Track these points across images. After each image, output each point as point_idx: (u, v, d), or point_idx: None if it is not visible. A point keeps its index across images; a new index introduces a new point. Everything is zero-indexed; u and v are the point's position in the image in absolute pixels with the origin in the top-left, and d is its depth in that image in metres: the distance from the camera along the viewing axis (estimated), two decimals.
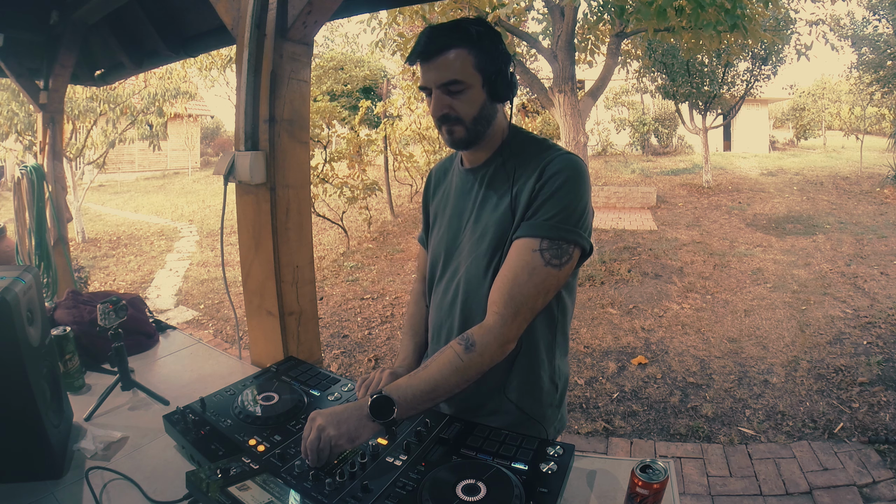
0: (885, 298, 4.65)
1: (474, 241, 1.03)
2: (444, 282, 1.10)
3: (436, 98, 0.96)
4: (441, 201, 1.15)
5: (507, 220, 0.98)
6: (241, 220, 1.51)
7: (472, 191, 1.06)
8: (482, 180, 1.05)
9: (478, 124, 0.98)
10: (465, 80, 0.94)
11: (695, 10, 4.25)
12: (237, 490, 0.84)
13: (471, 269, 1.03)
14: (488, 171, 1.04)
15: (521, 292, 0.93)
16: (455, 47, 0.93)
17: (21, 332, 0.96)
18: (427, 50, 0.94)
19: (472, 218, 1.05)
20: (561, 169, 0.94)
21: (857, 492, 2.23)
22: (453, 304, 1.07)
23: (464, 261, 1.05)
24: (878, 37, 10.58)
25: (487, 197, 1.03)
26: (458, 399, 1.03)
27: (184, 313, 4.95)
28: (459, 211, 1.08)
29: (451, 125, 0.98)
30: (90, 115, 7.75)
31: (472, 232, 1.04)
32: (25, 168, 2.70)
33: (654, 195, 9.51)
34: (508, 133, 1.05)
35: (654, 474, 0.85)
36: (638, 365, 3.57)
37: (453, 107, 0.96)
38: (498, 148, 1.04)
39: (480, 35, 0.95)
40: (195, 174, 16.89)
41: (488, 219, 1.01)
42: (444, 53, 0.93)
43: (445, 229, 1.11)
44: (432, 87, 0.96)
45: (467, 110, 0.97)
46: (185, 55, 2.47)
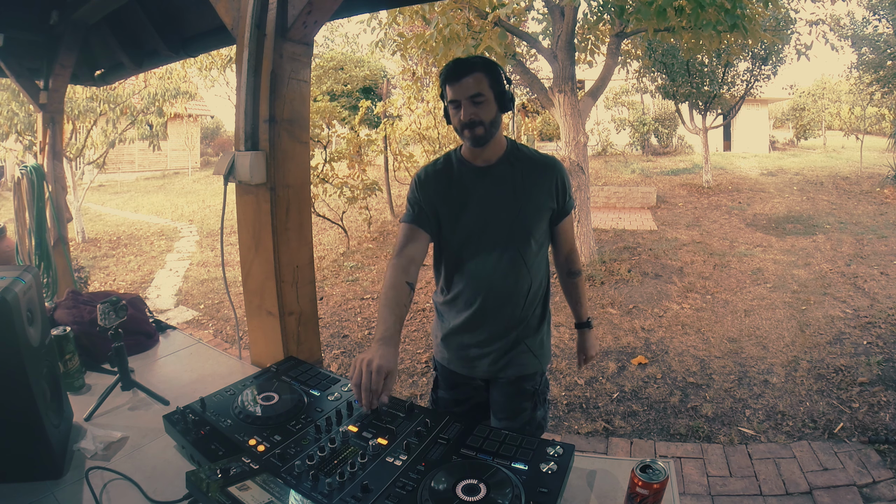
0: (885, 298, 4.65)
1: (521, 215, 1.40)
2: (494, 250, 1.41)
3: (465, 107, 1.31)
4: (453, 193, 1.42)
5: (549, 200, 1.43)
6: (241, 220, 1.51)
7: (499, 181, 1.41)
8: (505, 174, 1.41)
9: (492, 127, 1.35)
10: (484, 93, 1.31)
11: (695, 10, 4.25)
12: (237, 490, 0.84)
13: (520, 233, 1.41)
14: (507, 168, 1.42)
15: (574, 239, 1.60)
16: (475, 71, 1.31)
17: (21, 332, 0.96)
18: (458, 72, 1.30)
19: (511, 199, 1.40)
20: (565, 170, 1.47)
21: (857, 492, 2.23)
22: (514, 263, 1.42)
23: (510, 230, 1.40)
24: (878, 37, 10.58)
25: (520, 185, 1.41)
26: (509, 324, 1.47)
27: (184, 313, 4.95)
28: (489, 197, 1.40)
29: (476, 127, 1.32)
30: (90, 115, 7.75)
31: (511, 209, 1.40)
32: (25, 168, 2.70)
33: (654, 195, 9.51)
34: (508, 141, 1.44)
35: (654, 474, 0.85)
36: (638, 365, 3.57)
37: (477, 113, 1.32)
38: (505, 152, 1.43)
39: (490, 64, 1.34)
40: (195, 174, 16.89)
41: (530, 200, 1.41)
42: (470, 75, 1.30)
43: (478, 211, 1.40)
44: (462, 98, 1.31)
45: (486, 115, 1.33)
46: (185, 55, 2.47)
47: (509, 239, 1.40)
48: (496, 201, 1.41)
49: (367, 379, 1.04)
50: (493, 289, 1.43)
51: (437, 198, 1.42)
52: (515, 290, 1.44)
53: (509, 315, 1.46)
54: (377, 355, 1.07)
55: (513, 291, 1.44)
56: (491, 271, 1.42)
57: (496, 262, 1.41)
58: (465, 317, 1.47)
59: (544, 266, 1.52)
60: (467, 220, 1.41)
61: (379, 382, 1.04)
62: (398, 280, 1.31)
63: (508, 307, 1.45)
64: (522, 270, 1.43)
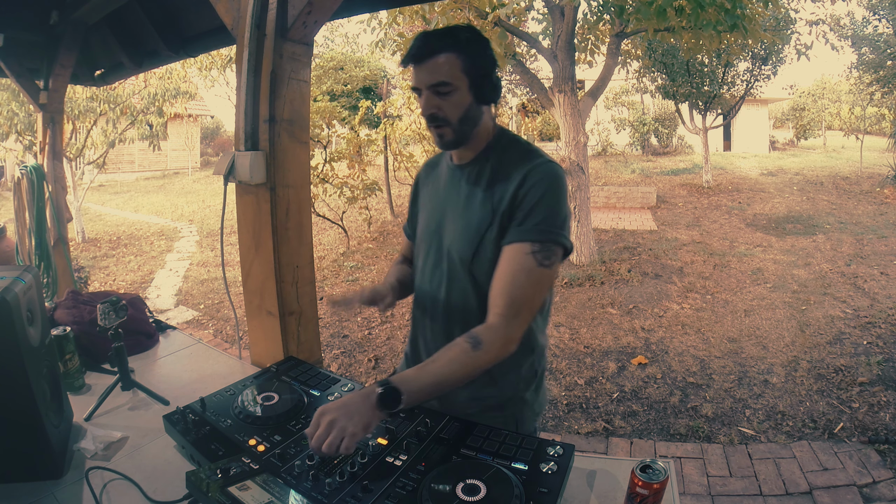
0: (885, 298, 4.65)
1: (458, 231, 1.10)
2: (431, 265, 1.18)
3: (425, 98, 1.03)
4: (430, 193, 1.23)
5: (486, 215, 1.06)
6: (241, 220, 1.51)
7: (459, 185, 1.13)
8: (469, 177, 1.12)
9: (463, 125, 1.05)
10: (453, 82, 1.01)
11: (695, 10, 4.25)
12: (237, 490, 0.84)
13: (453, 256, 1.11)
14: (475, 169, 1.12)
15: (521, 293, 0.99)
16: (445, 51, 1.00)
17: (21, 332, 0.96)
18: (419, 53, 1.01)
19: (459, 210, 1.12)
20: (544, 177, 1.01)
21: (857, 492, 2.23)
22: (440, 286, 1.15)
23: (447, 248, 1.13)
24: (878, 37, 10.58)
25: (474, 193, 1.10)
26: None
27: (184, 313, 4.95)
28: (445, 202, 1.16)
29: (440, 127, 1.04)
30: (90, 115, 7.75)
31: (455, 223, 1.12)
32: (25, 168, 2.70)
33: (654, 195, 9.51)
34: (495, 134, 1.13)
35: (654, 474, 0.85)
36: (638, 365, 3.57)
37: (441, 107, 1.02)
38: (484, 148, 1.12)
39: (469, 40, 1.02)
40: (195, 174, 16.89)
41: (472, 213, 1.09)
42: (434, 57, 1.00)
43: (430, 218, 1.19)
44: (423, 87, 1.02)
45: (454, 112, 1.03)
46: (185, 55, 2.47)
47: (448, 262, 1.11)
48: (449, 212, 1.13)
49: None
50: (434, 322, 1.17)
51: (421, 197, 1.28)
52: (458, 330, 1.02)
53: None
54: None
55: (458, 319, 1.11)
56: (434, 299, 1.16)
57: (436, 289, 1.15)
58: (411, 345, 1.29)
59: None
60: (423, 228, 1.21)
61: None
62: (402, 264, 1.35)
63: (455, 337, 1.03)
64: (467, 306, 1.10)
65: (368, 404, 0.89)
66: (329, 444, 0.84)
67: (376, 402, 0.89)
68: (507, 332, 0.98)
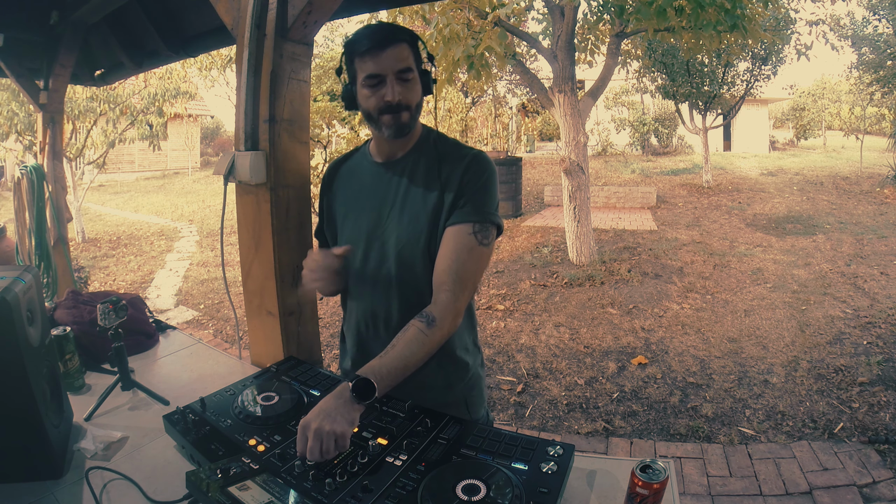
0: (885, 298, 4.65)
1: (404, 226, 1.11)
2: (371, 268, 1.15)
3: (391, 83, 1.03)
4: (351, 195, 1.20)
5: (438, 207, 1.10)
6: (241, 220, 1.51)
7: (393, 182, 1.14)
8: (404, 172, 1.14)
9: (417, 111, 1.10)
10: (414, 68, 1.06)
11: (695, 10, 4.25)
12: (237, 490, 0.84)
13: (404, 252, 1.11)
14: (408, 165, 1.14)
15: (465, 269, 1.07)
16: (401, 41, 1.04)
17: (21, 332, 0.96)
18: (383, 40, 1.03)
19: (398, 206, 1.13)
20: (483, 166, 1.10)
21: (857, 492, 2.23)
22: (389, 287, 1.14)
23: (393, 246, 1.12)
24: (878, 37, 10.58)
25: (413, 187, 1.12)
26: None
27: (184, 313, 4.95)
28: (379, 202, 1.15)
29: (402, 112, 1.06)
30: (90, 115, 7.75)
31: (398, 219, 1.12)
32: (25, 168, 2.70)
33: (654, 195, 9.51)
34: (422, 130, 1.17)
35: (654, 474, 0.85)
36: (638, 365, 3.57)
37: (404, 94, 1.05)
38: (416, 143, 1.16)
39: (413, 35, 1.08)
40: (195, 174, 16.89)
41: (419, 207, 1.11)
42: (395, 45, 1.03)
43: (364, 220, 1.16)
44: (389, 73, 1.03)
45: (414, 97, 1.08)
46: (185, 55, 2.47)
47: (395, 259, 1.11)
48: (385, 210, 1.13)
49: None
50: (379, 322, 1.16)
51: (337, 201, 1.23)
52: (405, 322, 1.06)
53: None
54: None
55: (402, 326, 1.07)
56: (377, 299, 1.14)
57: (383, 289, 1.13)
58: (353, 353, 1.26)
59: None
60: (353, 230, 1.17)
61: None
62: None
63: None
64: (415, 301, 1.09)
65: (344, 401, 0.92)
66: (324, 451, 0.87)
67: (351, 396, 0.92)
68: (455, 306, 1.05)
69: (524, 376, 3.44)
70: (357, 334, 1.23)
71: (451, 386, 1.22)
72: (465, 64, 4.87)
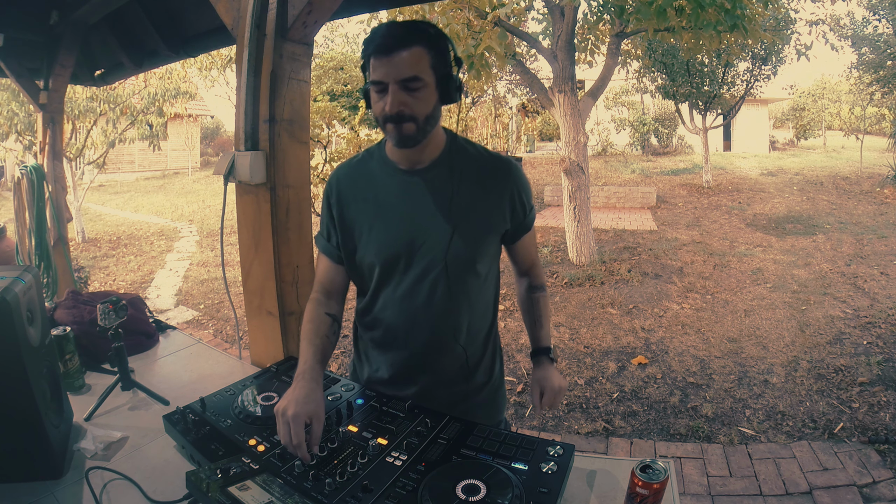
0: (885, 298, 4.65)
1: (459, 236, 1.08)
2: (413, 280, 1.10)
3: (392, 94, 0.96)
4: (374, 204, 1.11)
5: (499, 219, 1.12)
6: (241, 220, 1.51)
7: (429, 190, 1.09)
8: (436, 180, 1.09)
9: (427, 123, 1.01)
10: (424, 77, 0.96)
11: (695, 10, 4.25)
12: (237, 490, 0.84)
13: (458, 260, 1.09)
14: (440, 172, 1.09)
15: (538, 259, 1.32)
16: (414, 45, 0.95)
17: (21, 332, 0.96)
18: (388, 44, 0.94)
19: (441, 216, 1.08)
20: (521, 173, 1.15)
21: (857, 492, 2.23)
22: (433, 296, 1.10)
23: (441, 256, 1.07)
24: (878, 37, 10.58)
25: (457, 197, 1.08)
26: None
27: (184, 313, 4.95)
28: (414, 210, 1.09)
29: (404, 123, 0.98)
30: (90, 115, 7.75)
31: (446, 229, 1.07)
32: (25, 168, 2.70)
33: (654, 195, 9.51)
34: (448, 136, 1.12)
35: (654, 474, 0.85)
36: (638, 365, 3.57)
37: (409, 104, 0.97)
38: (444, 150, 1.10)
39: (436, 36, 0.99)
40: (195, 174, 16.89)
41: (473, 217, 1.09)
42: (404, 49, 0.94)
43: (399, 229, 1.09)
44: (390, 81, 0.95)
45: (421, 108, 0.98)
46: (185, 55, 2.47)
47: (443, 267, 1.08)
48: (424, 218, 1.08)
49: (285, 431, 0.90)
50: (420, 331, 1.12)
51: (350, 207, 1.13)
52: (452, 331, 1.12)
53: (445, 365, 1.15)
54: (292, 400, 0.92)
55: (448, 335, 1.12)
56: (418, 308, 1.10)
57: (426, 297, 1.09)
58: (387, 365, 1.19)
59: (492, 296, 1.21)
60: (386, 240, 1.10)
61: (300, 433, 0.90)
62: (316, 313, 1.13)
63: (444, 355, 1.14)
64: (462, 306, 1.12)
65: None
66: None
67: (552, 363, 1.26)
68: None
69: (524, 376, 3.44)
70: (392, 344, 1.16)
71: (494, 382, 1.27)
72: (466, 64, 4.87)
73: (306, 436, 0.91)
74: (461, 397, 1.18)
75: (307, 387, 0.96)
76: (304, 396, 0.93)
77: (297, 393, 0.94)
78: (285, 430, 0.90)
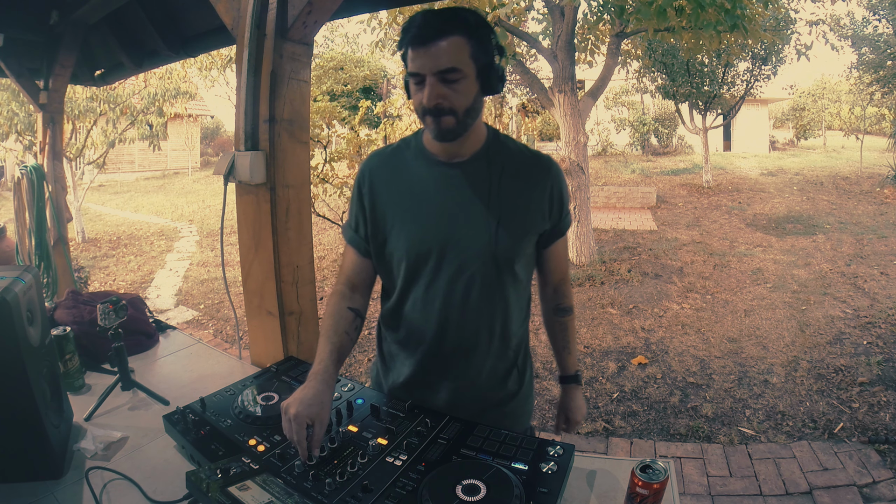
0: (885, 298, 4.65)
1: (500, 233, 1.03)
2: (447, 279, 1.05)
3: (430, 86, 0.92)
4: (407, 195, 1.07)
5: (538, 217, 1.08)
6: (241, 220, 1.51)
7: (470, 185, 1.04)
8: (476, 175, 1.05)
9: (468, 116, 0.97)
10: (462, 68, 0.92)
11: (695, 10, 4.25)
12: (237, 490, 0.84)
13: (498, 259, 1.04)
14: (481, 166, 1.05)
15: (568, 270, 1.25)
16: (453, 34, 0.91)
17: (21, 332, 0.96)
18: (424, 34, 0.90)
19: (484, 211, 1.03)
20: (560, 173, 1.10)
21: (857, 492, 2.23)
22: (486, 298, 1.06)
23: (482, 252, 1.03)
24: (878, 37, 10.58)
25: (497, 194, 1.04)
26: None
27: (184, 313, 4.95)
28: (449, 204, 1.04)
29: (443, 116, 0.94)
30: (90, 115, 7.74)
31: (484, 225, 1.03)
32: (25, 168, 2.70)
33: (654, 195, 9.51)
34: (488, 130, 1.08)
35: (654, 474, 0.85)
36: (638, 365, 3.57)
37: (447, 97, 0.93)
38: (485, 144, 1.06)
39: (477, 24, 0.94)
40: (195, 174, 16.88)
41: (513, 213, 1.05)
42: (441, 39, 0.90)
43: (431, 223, 1.04)
44: (427, 73, 0.92)
45: (461, 101, 0.94)
46: (185, 55, 2.47)
47: (480, 265, 1.04)
48: (464, 212, 1.03)
49: (287, 428, 0.90)
50: (452, 333, 1.07)
51: (383, 198, 1.08)
52: (485, 334, 1.08)
53: (476, 370, 1.10)
54: (298, 400, 0.90)
55: (481, 337, 1.08)
56: (451, 308, 1.06)
57: (461, 297, 1.05)
58: (415, 368, 1.13)
59: (526, 300, 1.17)
60: (419, 233, 1.05)
61: (300, 432, 0.88)
62: (338, 307, 1.09)
63: (475, 359, 1.10)
64: (497, 308, 1.07)
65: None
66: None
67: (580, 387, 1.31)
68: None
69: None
70: (419, 348, 1.12)
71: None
72: None
73: (308, 436, 0.90)
74: (490, 405, 1.14)
75: (316, 388, 0.93)
76: (310, 397, 0.91)
77: (305, 393, 0.92)
78: (287, 427, 0.90)
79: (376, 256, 1.11)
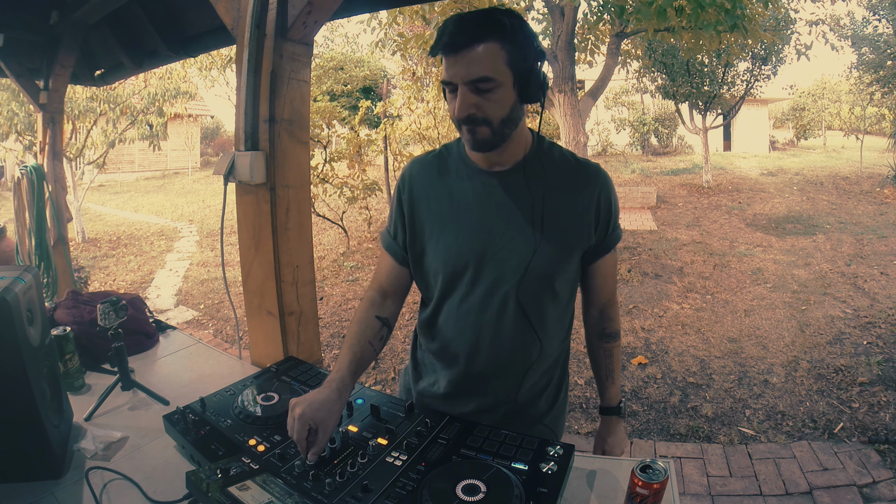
0: (885, 298, 4.65)
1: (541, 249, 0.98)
2: (482, 294, 1.01)
3: (462, 96, 0.87)
4: (447, 204, 1.02)
5: (586, 227, 1.02)
6: (241, 220, 1.51)
7: (512, 195, 0.99)
8: (519, 186, 0.99)
9: (505, 126, 0.92)
10: (497, 77, 0.86)
11: (695, 10, 4.25)
12: (237, 490, 0.84)
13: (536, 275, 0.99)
14: (523, 178, 0.99)
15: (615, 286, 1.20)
16: (487, 40, 0.85)
17: (21, 332, 0.96)
18: (456, 41, 0.85)
19: (526, 224, 0.98)
20: (612, 186, 1.04)
21: (857, 492, 2.23)
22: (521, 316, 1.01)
23: (521, 268, 0.98)
24: (878, 37, 10.58)
25: (547, 205, 0.98)
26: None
27: (184, 313, 4.95)
28: (493, 216, 0.99)
29: (478, 126, 0.90)
30: (90, 115, 7.74)
31: (524, 239, 0.98)
32: (25, 168, 2.70)
33: (654, 195, 9.51)
34: (533, 138, 1.03)
35: (654, 474, 0.85)
36: (638, 365, 3.57)
37: (480, 107, 0.88)
38: (527, 154, 1.01)
39: (514, 28, 0.87)
40: (195, 174, 16.89)
41: (556, 228, 0.99)
42: (474, 46, 0.84)
43: (471, 235, 1.00)
44: (459, 82, 0.87)
45: (496, 111, 0.89)
46: (185, 55, 2.47)
47: (517, 280, 0.99)
48: (502, 224, 0.99)
49: (290, 426, 0.90)
50: (485, 348, 1.05)
51: (422, 207, 1.04)
52: (520, 352, 1.05)
53: (509, 387, 1.07)
54: (307, 401, 0.90)
55: (515, 356, 1.05)
56: (484, 323, 1.03)
57: (495, 312, 1.01)
58: (446, 383, 1.11)
59: (568, 321, 1.13)
60: (457, 245, 1.01)
61: (301, 433, 0.88)
62: (366, 314, 1.07)
63: (508, 376, 1.07)
64: (534, 326, 1.03)
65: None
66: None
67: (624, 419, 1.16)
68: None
69: None
70: (453, 361, 1.09)
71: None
72: None
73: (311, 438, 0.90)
74: (522, 423, 1.10)
75: (328, 395, 0.92)
76: (319, 402, 0.90)
77: (317, 396, 0.91)
78: (291, 424, 0.91)
79: (414, 266, 1.09)
